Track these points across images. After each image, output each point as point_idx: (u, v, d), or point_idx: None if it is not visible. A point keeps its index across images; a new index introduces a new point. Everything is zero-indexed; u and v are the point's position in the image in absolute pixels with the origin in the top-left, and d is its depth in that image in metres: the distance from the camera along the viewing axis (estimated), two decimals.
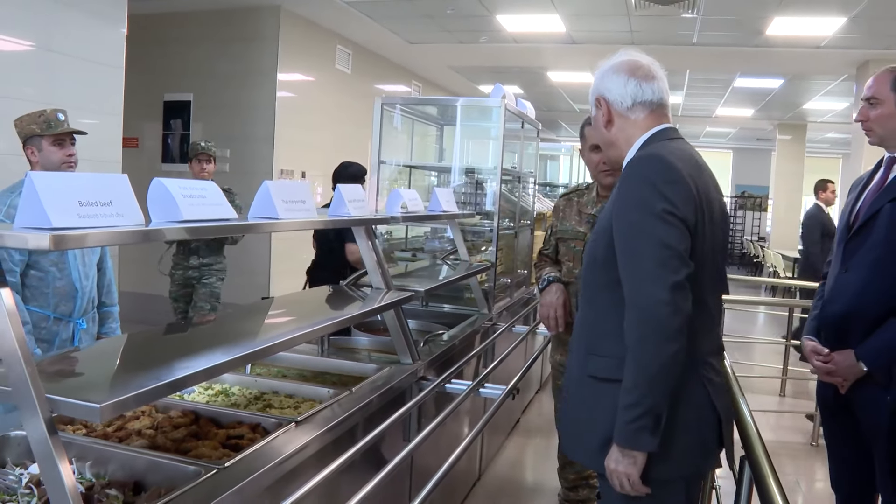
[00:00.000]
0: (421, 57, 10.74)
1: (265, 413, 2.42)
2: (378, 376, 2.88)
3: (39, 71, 5.11)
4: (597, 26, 8.64)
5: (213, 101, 8.17)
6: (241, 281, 8.00)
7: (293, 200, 2.30)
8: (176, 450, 2.09)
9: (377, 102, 4.70)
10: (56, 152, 3.29)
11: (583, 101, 14.43)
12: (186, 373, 1.63)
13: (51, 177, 1.47)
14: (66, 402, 1.41)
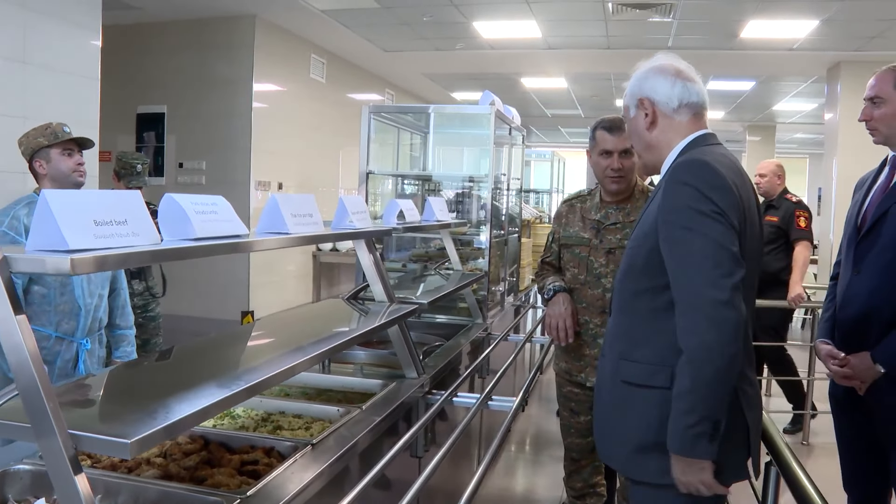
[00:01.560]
0: (395, 65, 10.66)
1: (277, 436, 2.33)
2: (386, 392, 2.80)
3: (12, 83, 4.96)
4: (573, 31, 8.62)
5: (188, 112, 8.02)
6: (220, 295, 7.87)
7: (301, 214, 2.22)
8: (191, 479, 2.00)
9: (364, 110, 4.63)
10: (66, 161, 3.31)
11: (555, 107, 14.45)
12: (211, 401, 1.54)
13: (65, 195, 1.38)
14: (92, 437, 1.31)
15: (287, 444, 2.21)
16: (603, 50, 9.26)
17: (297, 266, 8.88)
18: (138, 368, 2.11)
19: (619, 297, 2.22)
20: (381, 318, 2.74)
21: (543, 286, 3.50)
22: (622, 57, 9.29)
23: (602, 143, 3.24)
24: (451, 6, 7.57)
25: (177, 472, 2.03)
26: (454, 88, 12.87)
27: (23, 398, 1.30)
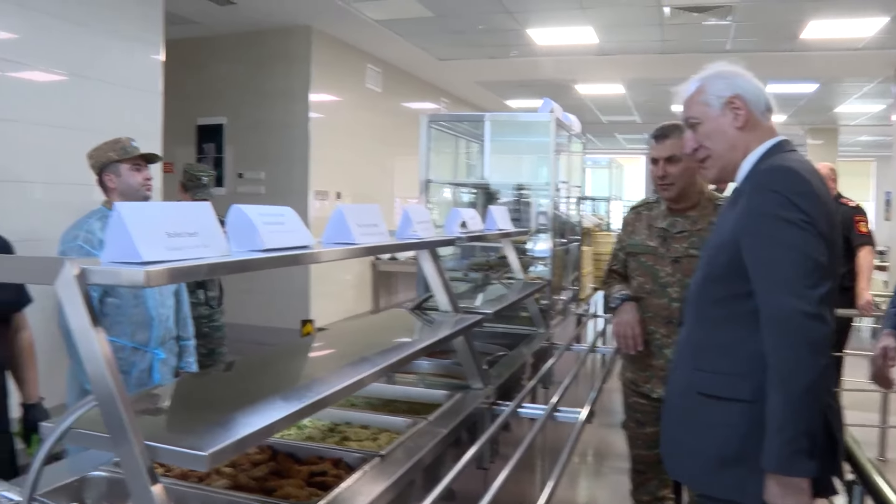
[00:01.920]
0: (450, 73, 10.68)
1: (345, 447, 2.31)
2: (452, 403, 2.77)
3: (79, 98, 5.07)
4: (628, 36, 8.54)
5: (246, 124, 8.13)
6: (281, 304, 7.95)
7: (367, 224, 2.21)
8: (260, 489, 1.99)
9: (423, 119, 4.62)
10: (135, 176, 3.37)
11: (611, 113, 14.32)
12: (283, 413, 1.52)
13: (138, 208, 1.38)
14: (169, 449, 1.30)
15: (355, 456, 2.19)
16: (658, 55, 9.15)
17: (355, 275, 8.93)
18: (207, 379, 2.10)
19: (696, 307, 2.15)
20: (447, 328, 2.71)
21: (610, 295, 3.44)
22: (678, 61, 9.18)
23: (650, 151, 3.23)
24: (505, 13, 7.54)
25: (246, 482, 2.02)
26: (508, 96, 12.85)
27: (102, 410, 1.30)
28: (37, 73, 4.80)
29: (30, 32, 4.71)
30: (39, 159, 4.77)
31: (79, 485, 1.99)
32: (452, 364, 3.46)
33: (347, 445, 2.34)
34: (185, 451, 1.28)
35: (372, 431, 2.51)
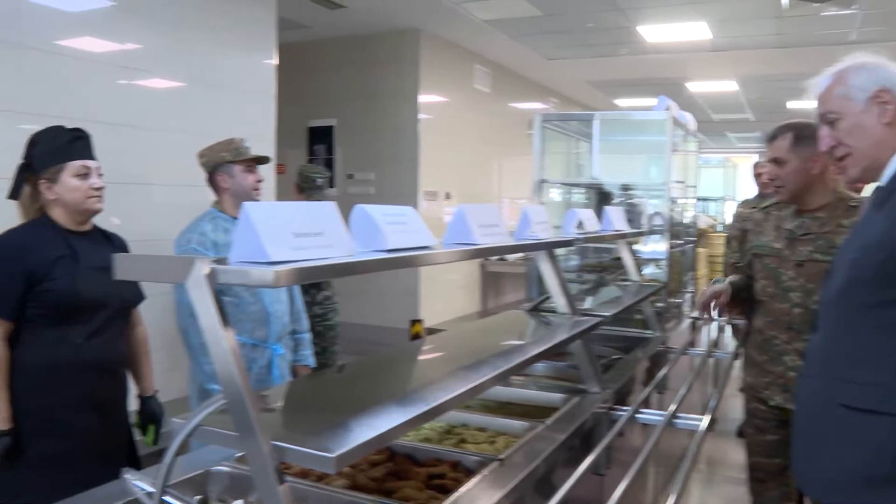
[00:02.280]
0: (558, 73, 10.57)
1: (462, 449, 2.28)
2: (569, 407, 2.71)
3: (196, 103, 5.22)
4: (743, 31, 8.26)
5: (356, 125, 8.24)
6: (391, 304, 8.01)
7: (487, 224, 2.17)
8: (379, 490, 1.98)
9: (536, 119, 4.56)
10: (247, 177, 3.43)
11: (722, 111, 13.92)
12: (407, 416, 1.50)
13: (265, 208, 1.37)
14: (296, 450, 1.29)
15: (474, 459, 2.16)
16: (774, 49, 8.82)
17: (463, 275, 8.94)
18: (325, 380, 2.10)
19: (837, 312, 2.02)
20: (566, 331, 2.64)
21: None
22: (795, 55, 8.83)
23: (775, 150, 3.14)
24: (615, 11, 7.40)
25: (365, 482, 2.01)
26: (617, 95, 12.64)
27: (230, 409, 1.30)
28: (157, 80, 4.96)
29: (151, 42, 4.88)
30: (160, 163, 4.93)
31: (202, 478, 2.03)
32: (567, 367, 3.39)
33: (465, 448, 2.31)
34: (313, 453, 1.27)
35: (489, 434, 2.48)
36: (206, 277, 1.27)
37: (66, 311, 2.57)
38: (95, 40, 4.57)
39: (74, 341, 2.59)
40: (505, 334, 2.92)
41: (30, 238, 2.60)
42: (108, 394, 2.74)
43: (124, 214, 4.65)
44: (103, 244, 2.78)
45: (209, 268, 1.28)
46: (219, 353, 1.29)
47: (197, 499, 1.95)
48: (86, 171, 2.64)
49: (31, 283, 2.53)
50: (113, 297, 2.69)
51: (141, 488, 1.64)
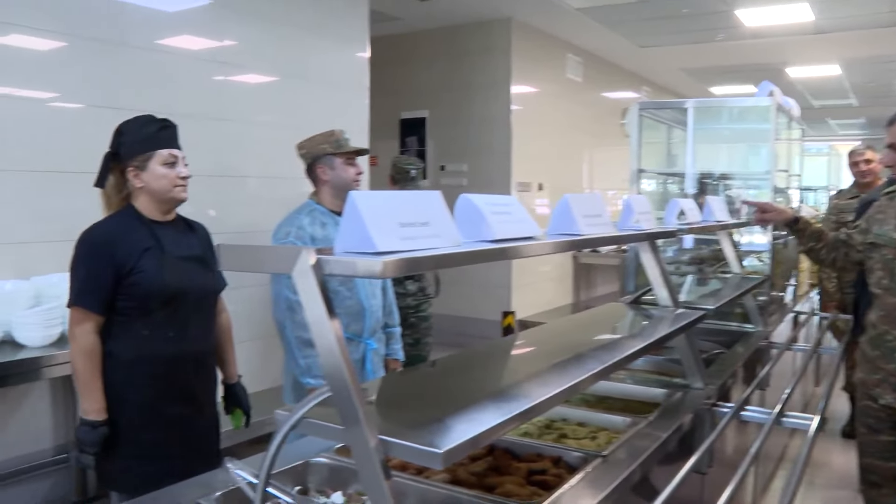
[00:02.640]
0: (651, 61, 10.34)
1: (563, 444, 2.23)
2: (670, 403, 2.62)
3: (293, 97, 5.28)
4: (848, 11, 7.89)
5: (448, 116, 8.22)
6: (482, 295, 7.99)
7: (591, 215, 2.11)
8: (480, 485, 1.94)
9: (633, 108, 4.44)
10: (348, 170, 3.41)
11: (824, 97, 13.41)
12: (512, 412, 1.46)
13: (372, 196, 1.35)
14: (403, 444, 1.27)
15: (576, 455, 2.11)
16: (883, 29, 8.41)
17: (555, 267, 8.84)
18: (424, 374, 2.07)
19: None
20: (669, 324, 2.56)
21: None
22: None
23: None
24: None
25: (466, 477, 1.98)
26: (712, 82, 12.30)
27: (336, 402, 1.28)
28: (252, 74, 5.04)
29: (246, 37, 4.95)
30: (255, 156, 5.01)
31: (302, 469, 2.04)
32: (664, 360, 3.31)
33: (566, 443, 2.26)
34: (421, 448, 1.24)
35: (589, 430, 2.42)
36: (313, 268, 1.25)
37: (154, 303, 2.57)
38: (193, 38, 4.67)
39: (165, 333, 2.60)
40: (606, 327, 2.86)
41: (116, 230, 2.59)
42: (198, 384, 2.74)
43: (220, 206, 4.75)
44: (187, 234, 2.78)
45: (315, 258, 1.26)
46: (325, 344, 1.27)
47: (297, 489, 1.96)
48: (173, 160, 2.63)
49: (120, 276, 2.54)
50: (198, 286, 2.69)
51: (243, 478, 1.65)
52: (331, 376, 1.28)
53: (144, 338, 2.58)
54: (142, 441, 2.58)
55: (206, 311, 2.77)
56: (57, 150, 3.96)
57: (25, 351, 3.41)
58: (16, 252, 3.79)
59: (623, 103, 10.75)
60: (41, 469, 4.03)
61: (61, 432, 4.09)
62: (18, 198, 3.84)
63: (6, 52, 3.77)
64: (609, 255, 8.83)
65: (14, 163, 3.82)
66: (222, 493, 1.83)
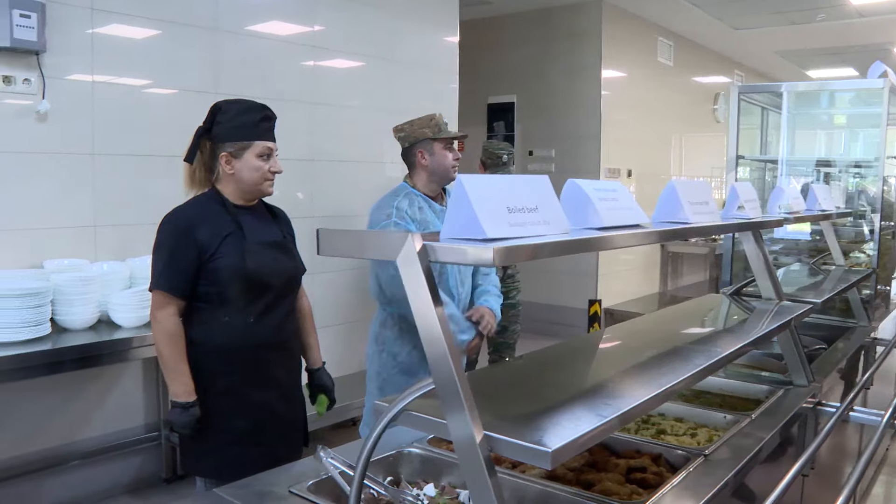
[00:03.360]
0: (746, 44, 10.00)
1: (663, 441, 2.15)
2: (774, 400, 2.51)
3: (381, 80, 5.27)
4: None
5: (536, 102, 8.12)
6: (568, 283, 7.89)
7: (698, 202, 2.01)
8: (577, 482, 1.88)
9: (733, 92, 4.28)
10: (447, 156, 3.34)
11: None
12: (620, 410, 1.38)
13: (480, 181, 1.29)
14: (510, 442, 1.21)
15: (677, 453, 2.03)
16: None
17: (642, 255, 8.67)
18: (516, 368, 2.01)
19: None
20: (775, 317, 2.44)
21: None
22: None
23: None
24: None
25: (562, 473, 1.92)
26: (809, 66, 11.85)
27: (440, 395, 1.24)
28: (342, 59, 5.05)
29: (337, 23, 4.97)
30: (345, 140, 5.01)
31: (394, 459, 2.01)
32: (762, 355, 3.17)
33: (664, 440, 2.18)
34: (529, 446, 1.18)
35: (688, 426, 2.33)
36: (419, 254, 1.20)
37: (235, 289, 2.55)
38: (283, 24, 4.69)
39: (246, 320, 2.57)
40: (709, 320, 2.75)
41: (199, 215, 2.57)
42: (282, 370, 2.72)
43: (311, 190, 4.78)
44: (268, 220, 2.75)
45: (421, 244, 1.21)
46: (429, 335, 1.23)
47: (388, 480, 1.92)
48: (268, 153, 2.60)
49: (202, 261, 2.52)
50: (279, 272, 2.65)
51: (336, 467, 1.62)
52: (436, 368, 1.23)
53: (226, 324, 2.56)
54: (228, 427, 2.58)
55: (287, 297, 2.73)
56: (151, 135, 4.05)
57: (121, 331, 3.49)
58: (115, 234, 3.89)
59: (714, 88, 10.46)
60: (133, 446, 4.14)
61: (152, 411, 4.20)
62: (118, 181, 3.93)
63: (105, 40, 3.86)
64: (697, 244, 8.61)
65: (114, 147, 3.91)
66: (314, 482, 1.81)
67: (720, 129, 10.41)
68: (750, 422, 2.28)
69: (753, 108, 5.03)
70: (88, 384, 3.94)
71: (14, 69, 3.52)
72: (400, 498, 1.75)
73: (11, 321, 3.18)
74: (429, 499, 1.83)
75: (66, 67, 3.71)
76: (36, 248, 3.67)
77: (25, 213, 3.62)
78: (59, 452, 3.84)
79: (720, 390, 2.72)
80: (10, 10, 3.37)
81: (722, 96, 10.48)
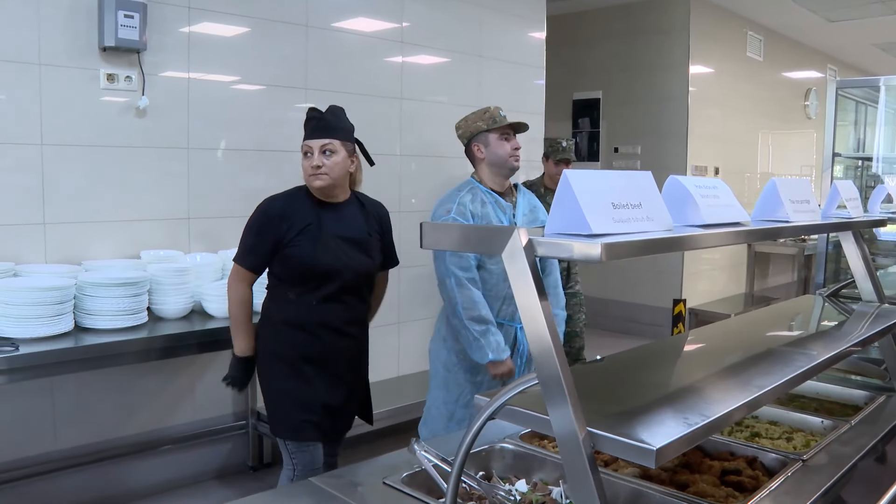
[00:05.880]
0: (840, 36, 9.67)
1: (757, 444, 2.11)
2: (874, 407, 2.43)
3: (469, 75, 5.28)
4: None
5: (622, 98, 8.01)
6: (651, 281, 7.78)
7: (799, 200, 1.96)
8: (671, 482, 1.86)
9: (831, 86, 4.15)
10: (503, 146, 3.35)
11: None
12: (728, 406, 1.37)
13: (584, 176, 1.28)
14: (614, 439, 1.20)
15: (773, 457, 1.99)
16: None
17: (728, 254, 8.49)
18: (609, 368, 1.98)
19: None
20: (878, 321, 2.36)
21: None
22: None
23: None
24: None
25: (656, 473, 1.90)
26: None
27: (544, 390, 1.24)
28: (427, 55, 5.08)
29: (422, 18, 5.00)
30: (432, 135, 5.04)
31: (486, 454, 2.02)
32: (858, 359, 3.06)
33: (759, 443, 2.13)
34: (633, 443, 1.17)
35: (783, 430, 2.28)
36: (524, 249, 1.21)
37: (305, 275, 2.85)
38: (371, 20, 4.74)
39: (310, 302, 2.86)
40: (807, 322, 2.68)
41: (285, 207, 2.87)
42: (343, 353, 2.96)
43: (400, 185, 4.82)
44: (355, 216, 2.97)
45: (527, 239, 1.21)
46: (534, 329, 1.23)
47: (480, 475, 1.93)
48: (308, 150, 2.84)
49: (278, 247, 2.83)
50: (350, 266, 2.89)
51: (430, 460, 1.64)
52: (540, 363, 1.23)
53: (294, 303, 2.88)
54: (287, 391, 2.91)
55: (356, 289, 2.97)
56: (242, 130, 4.14)
57: (213, 321, 3.58)
58: (207, 226, 4.00)
59: (805, 83, 10.17)
60: (221, 434, 4.25)
61: (241, 400, 4.29)
62: (211, 175, 4.04)
63: (201, 38, 3.96)
64: (786, 243, 8.39)
65: (207, 141, 4.01)
66: (408, 475, 1.83)
67: (810, 126, 10.11)
68: (850, 428, 2.22)
69: (848, 103, 4.87)
70: (181, 372, 4.06)
71: (117, 67, 3.65)
72: (493, 493, 1.75)
73: (111, 309, 3.29)
74: (521, 494, 1.83)
75: (164, 65, 3.83)
76: (133, 239, 3.79)
77: (124, 205, 3.75)
78: (151, 437, 3.97)
79: (816, 394, 2.64)
80: (115, 11, 3.50)
81: (814, 92, 10.18)
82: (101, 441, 3.79)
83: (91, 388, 3.75)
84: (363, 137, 2.98)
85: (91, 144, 3.63)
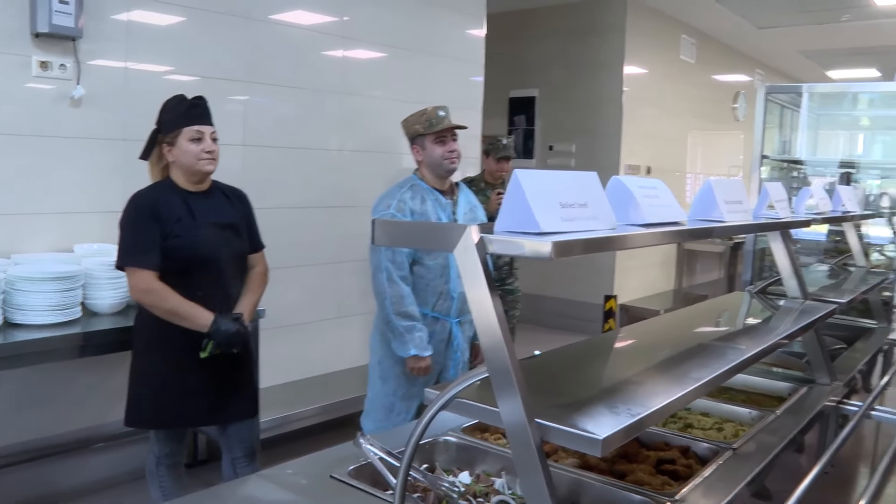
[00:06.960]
0: (768, 43, 9.98)
1: (690, 434, 2.19)
2: (798, 398, 2.54)
3: (406, 70, 5.30)
4: None
5: (557, 96, 8.13)
6: (584, 277, 7.92)
7: (732, 201, 2.05)
8: (609, 471, 1.92)
9: (760, 90, 4.30)
10: (437, 149, 3.41)
11: None
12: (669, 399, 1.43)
13: (535, 176, 1.33)
14: (561, 429, 1.25)
15: (705, 447, 2.07)
16: None
17: (658, 252, 8.69)
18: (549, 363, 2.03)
19: None
20: (802, 316, 2.48)
21: None
22: None
23: None
24: None
25: (595, 463, 1.96)
26: (832, 66, 11.81)
27: (494, 383, 1.28)
28: (365, 50, 5.08)
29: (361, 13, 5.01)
30: (371, 130, 5.05)
31: (430, 447, 2.05)
32: (783, 353, 3.19)
33: (692, 433, 2.22)
34: (580, 433, 1.22)
35: (714, 420, 2.37)
36: (476, 246, 1.25)
37: (187, 265, 2.86)
38: (312, 14, 4.73)
39: (195, 293, 2.85)
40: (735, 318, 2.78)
41: (157, 198, 2.89)
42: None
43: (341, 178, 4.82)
44: (220, 202, 3.03)
45: (479, 236, 1.25)
46: (485, 324, 1.27)
47: (424, 467, 1.96)
48: (199, 136, 2.88)
49: (162, 238, 2.83)
50: (227, 250, 2.95)
51: (375, 453, 1.66)
52: (490, 357, 1.27)
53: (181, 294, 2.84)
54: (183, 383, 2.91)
55: (234, 272, 3.03)
56: None
57: None
58: None
59: (734, 86, 10.45)
60: None
61: None
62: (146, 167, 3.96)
63: (135, 27, 3.90)
64: (714, 241, 8.63)
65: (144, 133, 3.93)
66: (354, 468, 1.85)
67: (738, 127, 10.40)
68: (775, 418, 2.32)
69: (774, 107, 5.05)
70: (117, 369, 4.00)
71: (51, 55, 3.58)
72: (437, 485, 1.79)
73: (42, 304, 3.23)
74: (464, 486, 1.87)
75: (100, 53, 3.76)
76: (67, 232, 3.73)
77: (57, 197, 3.69)
78: (86, 435, 3.91)
79: (744, 386, 2.75)
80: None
81: (742, 94, 10.47)
82: (35, 439, 3.72)
83: (23, 385, 3.68)
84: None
85: (21, 133, 3.55)
